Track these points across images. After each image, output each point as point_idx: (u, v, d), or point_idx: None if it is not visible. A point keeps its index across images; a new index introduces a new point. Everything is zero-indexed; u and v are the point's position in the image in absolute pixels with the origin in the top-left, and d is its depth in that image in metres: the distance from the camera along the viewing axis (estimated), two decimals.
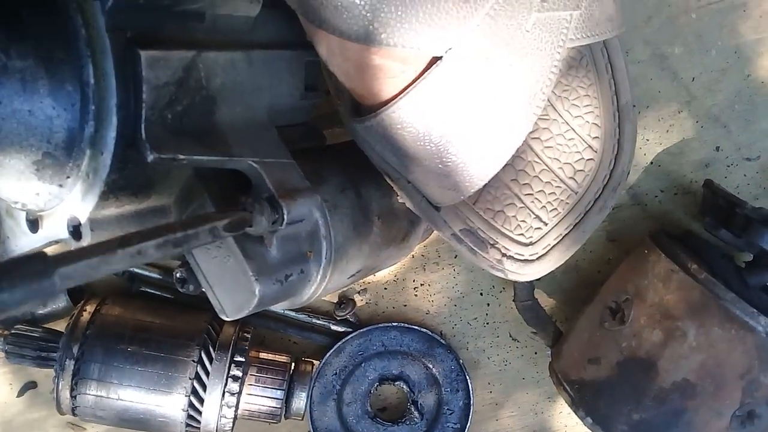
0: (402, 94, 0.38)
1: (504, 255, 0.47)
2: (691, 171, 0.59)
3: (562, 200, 0.47)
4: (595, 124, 0.48)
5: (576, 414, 0.52)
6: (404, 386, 0.63)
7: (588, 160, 0.48)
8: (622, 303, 0.51)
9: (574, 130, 0.48)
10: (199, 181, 0.39)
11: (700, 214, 0.53)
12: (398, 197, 0.47)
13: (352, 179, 0.46)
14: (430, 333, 0.63)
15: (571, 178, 0.48)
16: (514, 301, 0.60)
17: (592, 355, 0.52)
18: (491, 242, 0.47)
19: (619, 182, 0.48)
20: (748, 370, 0.46)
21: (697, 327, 0.47)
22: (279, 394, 0.58)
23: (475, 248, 0.47)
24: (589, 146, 0.48)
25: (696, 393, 0.47)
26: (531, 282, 0.59)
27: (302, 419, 0.60)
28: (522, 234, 0.47)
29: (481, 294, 0.63)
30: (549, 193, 0.47)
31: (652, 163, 0.59)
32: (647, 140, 0.58)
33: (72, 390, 0.54)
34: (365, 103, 0.41)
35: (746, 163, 0.58)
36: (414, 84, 0.38)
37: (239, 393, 0.56)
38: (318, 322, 0.62)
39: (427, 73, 0.38)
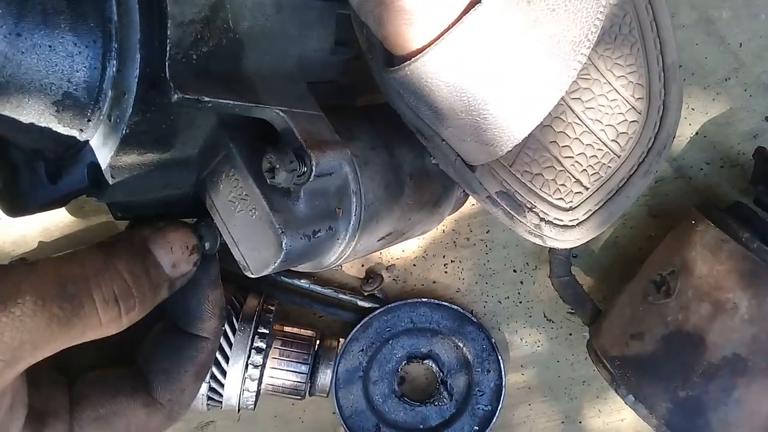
0: (437, 41, 0.36)
1: (542, 220, 0.45)
2: (738, 142, 0.56)
3: (603, 164, 0.45)
4: (639, 84, 0.45)
5: (617, 392, 0.49)
6: (433, 365, 0.61)
7: (632, 122, 0.45)
8: (668, 275, 0.49)
9: (616, 90, 0.45)
10: (225, 131, 0.37)
11: (751, 183, 0.50)
12: (432, 158, 0.45)
13: (384, 138, 0.44)
14: (461, 310, 0.60)
15: (613, 140, 0.45)
16: (549, 277, 0.57)
17: (634, 330, 0.49)
18: (529, 206, 0.44)
19: (665, 145, 0.46)
20: None
21: (750, 298, 0.44)
22: (304, 368, 0.56)
23: (511, 212, 0.44)
24: (633, 107, 0.45)
25: (747, 369, 0.44)
26: (568, 257, 0.56)
27: (327, 396, 0.59)
28: (561, 198, 0.45)
29: (515, 271, 0.61)
30: (590, 156, 0.45)
31: (697, 133, 0.56)
32: (692, 109, 0.56)
33: None
34: (398, 52, 0.39)
35: None
36: (450, 29, 0.36)
37: (263, 366, 0.54)
38: (345, 297, 0.60)
39: (464, 17, 0.36)
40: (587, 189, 0.45)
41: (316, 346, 0.57)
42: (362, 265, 0.61)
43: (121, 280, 0.31)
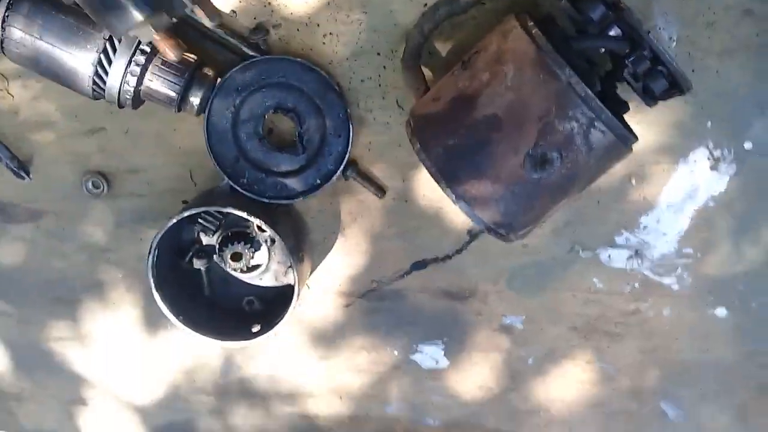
0: None
1: None
2: None
3: None
4: None
5: (410, 142, 0.60)
6: (295, 119, 0.72)
7: None
8: (472, 55, 0.58)
9: None
10: None
11: None
12: None
13: None
14: (328, 78, 0.70)
15: None
16: (401, 61, 0.67)
17: (436, 95, 0.60)
18: None
19: None
20: (546, 113, 0.53)
21: (515, 70, 0.54)
22: (179, 81, 0.66)
23: None
24: None
25: (501, 127, 0.55)
26: (419, 47, 0.65)
27: (197, 116, 0.69)
28: None
29: (379, 54, 0.70)
30: None
31: None
32: None
33: (3, 21, 0.63)
34: None
35: None
36: None
37: (144, 68, 0.65)
38: (231, 40, 0.70)
39: None
40: None
41: (195, 69, 0.67)
42: (254, 18, 0.70)
43: None
